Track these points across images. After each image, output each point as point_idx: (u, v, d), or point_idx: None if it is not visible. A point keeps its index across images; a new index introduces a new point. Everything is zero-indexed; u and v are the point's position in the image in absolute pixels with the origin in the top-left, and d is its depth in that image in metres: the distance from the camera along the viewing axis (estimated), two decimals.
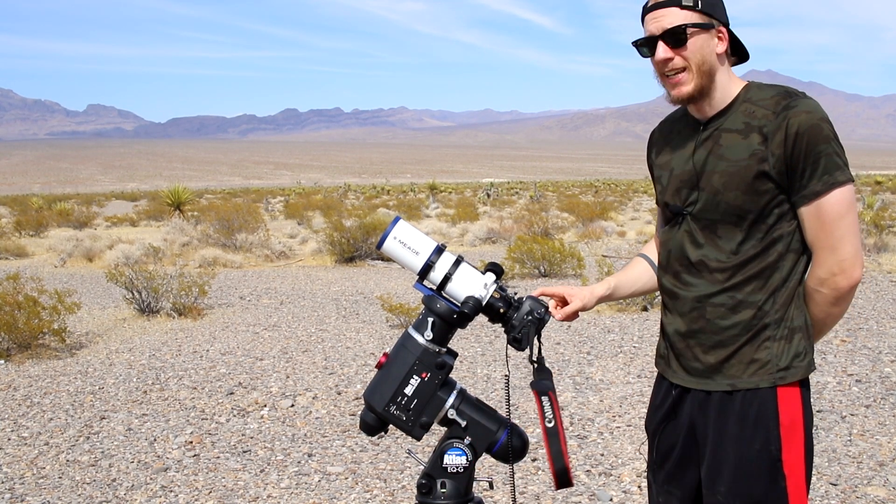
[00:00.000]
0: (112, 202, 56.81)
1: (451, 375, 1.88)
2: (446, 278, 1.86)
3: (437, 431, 1.91)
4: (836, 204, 1.76)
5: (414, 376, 1.83)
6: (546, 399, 1.84)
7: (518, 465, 3.92)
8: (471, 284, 1.86)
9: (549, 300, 1.99)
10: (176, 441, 4.74)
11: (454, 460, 1.83)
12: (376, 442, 4.59)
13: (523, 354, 1.86)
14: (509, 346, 1.87)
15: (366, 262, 14.23)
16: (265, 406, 5.42)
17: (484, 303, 1.84)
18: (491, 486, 2.02)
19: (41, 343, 7.33)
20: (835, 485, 3.81)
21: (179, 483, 4.11)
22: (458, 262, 1.88)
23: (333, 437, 4.77)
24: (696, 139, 1.90)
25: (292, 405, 5.42)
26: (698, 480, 1.95)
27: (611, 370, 6.14)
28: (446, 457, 1.83)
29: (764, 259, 1.83)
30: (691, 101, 1.86)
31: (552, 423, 1.83)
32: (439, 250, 1.87)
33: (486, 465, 3.96)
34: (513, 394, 5.40)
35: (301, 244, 17.94)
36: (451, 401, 1.85)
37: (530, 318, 1.84)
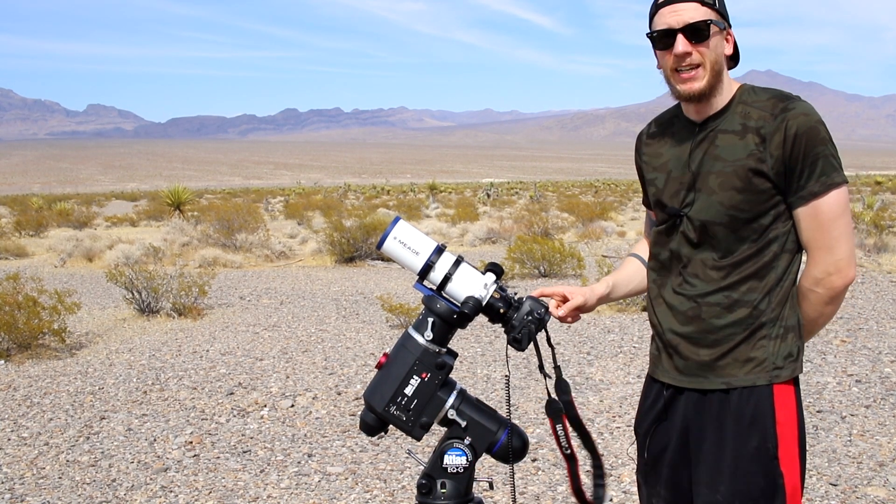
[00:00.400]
0: (112, 202, 56.78)
1: (451, 376, 1.88)
2: (446, 278, 1.86)
3: (437, 432, 1.91)
4: (832, 205, 1.78)
5: (414, 376, 1.83)
6: (560, 427, 1.88)
7: (518, 466, 3.91)
8: (471, 285, 1.86)
9: (550, 300, 1.99)
10: (176, 441, 4.74)
11: (454, 460, 1.83)
12: (376, 442, 4.59)
13: (523, 354, 1.86)
14: (509, 347, 1.87)
15: (366, 263, 14.23)
16: (265, 406, 5.42)
17: (484, 303, 1.84)
18: (491, 487, 2.02)
19: (41, 343, 7.33)
20: (835, 485, 3.81)
21: (179, 483, 4.11)
22: (458, 262, 1.88)
23: (333, 437, 4.77)
24: (691, 140, 1.90)
25: (292, 405, 5.42)
26: (690, 481, 1.95)
27: (611, 370, 6.14)
28: (446, 457, 1.83)
29: (759, 259, 1.84)
30: (698, 100, 1.85)
31: (569, 451, 1.90)
32: (439, 250, 1.87)
33: (486, 466, 3.96)
34: (513, 394, 5.40)
35: (301, 244, 17.93)
36: (451, 401, 1.85)
37: (530, 318, 1.84)
